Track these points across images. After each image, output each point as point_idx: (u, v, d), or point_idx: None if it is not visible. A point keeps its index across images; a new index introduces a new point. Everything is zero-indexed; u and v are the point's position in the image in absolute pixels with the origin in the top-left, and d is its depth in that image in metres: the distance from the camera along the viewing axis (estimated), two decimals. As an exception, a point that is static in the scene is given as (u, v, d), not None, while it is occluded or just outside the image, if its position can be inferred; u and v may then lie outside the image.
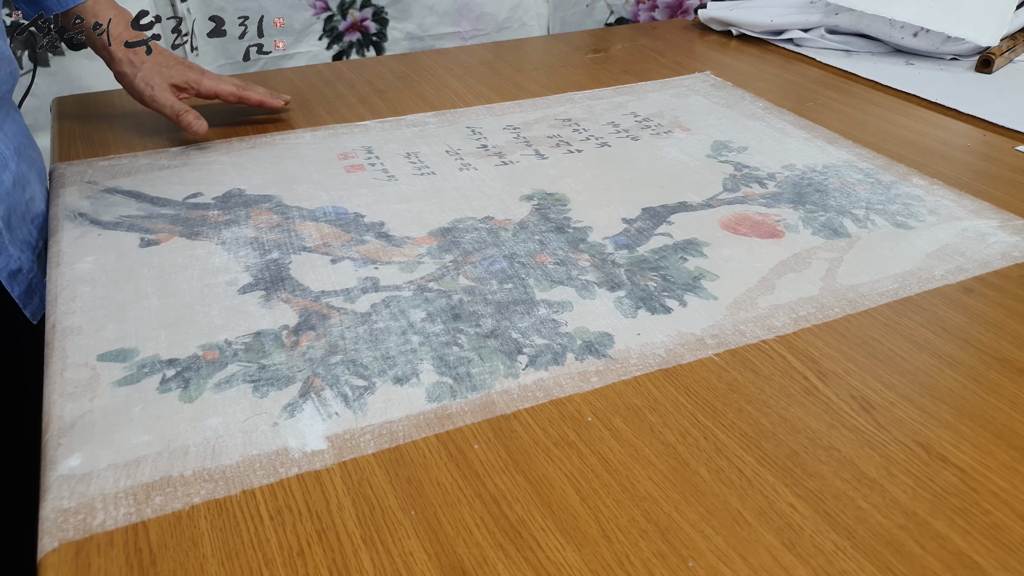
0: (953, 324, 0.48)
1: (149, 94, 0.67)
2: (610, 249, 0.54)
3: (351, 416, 0.40)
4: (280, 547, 0.33)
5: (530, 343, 0.45)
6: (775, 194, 0.62)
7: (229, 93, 0.71)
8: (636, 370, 0.43)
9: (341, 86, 0.85)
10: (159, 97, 0.67)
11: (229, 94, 0.71)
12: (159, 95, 0.67)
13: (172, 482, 0.36)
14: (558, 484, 0.36)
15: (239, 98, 0.72)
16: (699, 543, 0.33)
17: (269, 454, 0.37)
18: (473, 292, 0.49)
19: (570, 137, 0.73)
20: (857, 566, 0.33)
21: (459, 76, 0.88)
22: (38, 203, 0.62)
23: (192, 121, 0.67)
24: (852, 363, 0.44)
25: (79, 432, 0.38)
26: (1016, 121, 0.76)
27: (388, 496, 0.36)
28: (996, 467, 0.38)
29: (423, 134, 0.73)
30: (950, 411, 0.41)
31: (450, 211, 0.59)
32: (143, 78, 0.67)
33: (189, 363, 0.43)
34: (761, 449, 0.38)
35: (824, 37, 0.99)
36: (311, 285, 0.50)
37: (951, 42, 0.93)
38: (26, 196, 0.61)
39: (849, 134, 0.73)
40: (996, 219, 0.59)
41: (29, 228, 0.61)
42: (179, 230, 0.56)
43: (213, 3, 0.93)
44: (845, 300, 0.49)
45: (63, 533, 0.33)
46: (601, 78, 0.88)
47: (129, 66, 0.67)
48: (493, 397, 0.41)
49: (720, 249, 0.55)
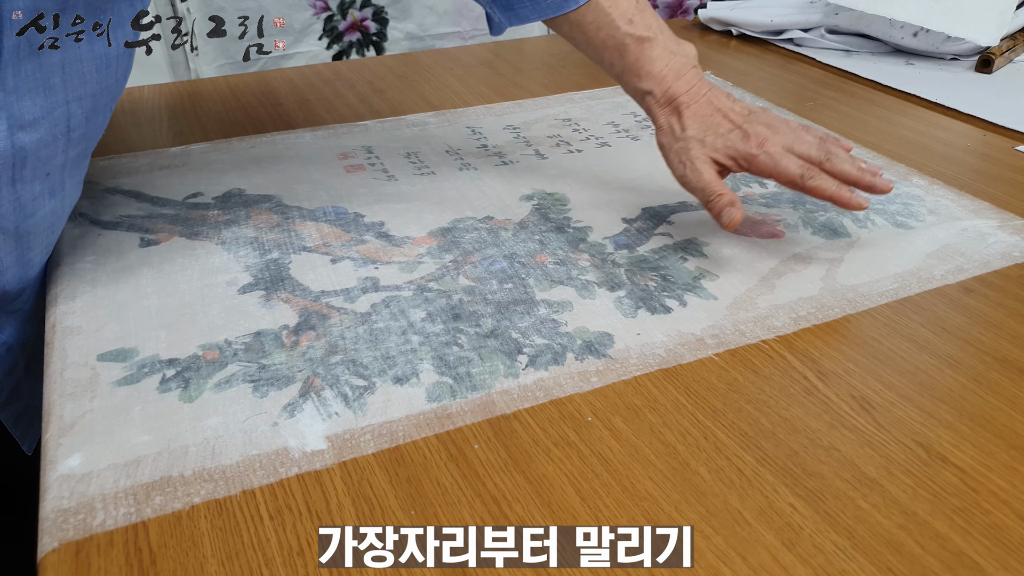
0: (953, 324, 0.48)
1: (681, 172, 0.53)
2: (610, 249, 0.54)
3: (351, 416, 0.40)
4: (280, 547, 0.33)
5: (530, 343, 0.45)
6: (775, 194, 0.62)
7: (789, 182, 0.51)
8: (636, 370, 0.43)
9: (341, 86, 0.85)
10: (690, 177, 0.52)
11: (790, 183, 0.51)
12: (690, 175, 0.52)
13: (172, 482, 0.36)
14: (558, 484, 0.36)
15: (803, 189, 0.51)
16: (699, 543, 0.33)
17: (269, 454, 0.37)
18: (473, 292, 0.49)
19: (570, 137, 0.73)
20: (857, 566, 0.33)
21: (459, 76, 0.88)
22: None
23: (724, 209, 0.50)
24: (852, 363, 0.44)
25: (79, 432, 0.38)
26: (1016, 121, 0.76)
27: (388, 496, 0.36)
28: (996, 467, 0.38)
29: (423, 134, 0.73)
30: (950, 411, 0.41)
31: (450, 211, 0.59)
32: (678, 152, 0.53)
33: (189, 363, 0.43)
34: (761, 449, 0.38)
35: (824, 37, 0.99)
36: (311, 285, 0.50)
37: (951, 42, 0.93)
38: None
39: (849, 134, 0.73)
40: (996, 219, 0.59)
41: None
42: (179, 230, 0.56)
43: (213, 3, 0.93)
44: (845, 300, 0.49)
45: (63, 533, 0.33)
46: (601, 78, 0.88)
47: (669, 136, 0.53)
48: (493, 397, 0.41)
49: (720, 249, 0.55)
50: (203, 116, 0.77)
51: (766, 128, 0.52)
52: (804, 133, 0.53)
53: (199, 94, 0.83)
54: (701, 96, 0.53)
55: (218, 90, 0.84)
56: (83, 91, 0.44)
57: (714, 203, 0.51)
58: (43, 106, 0.42)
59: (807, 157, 0.51)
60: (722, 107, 0.53)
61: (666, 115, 0.53)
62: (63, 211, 0.50)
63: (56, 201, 0.48)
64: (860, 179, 0.51)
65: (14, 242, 0.46)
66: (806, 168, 0.50)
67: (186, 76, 0.96)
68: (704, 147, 0.52)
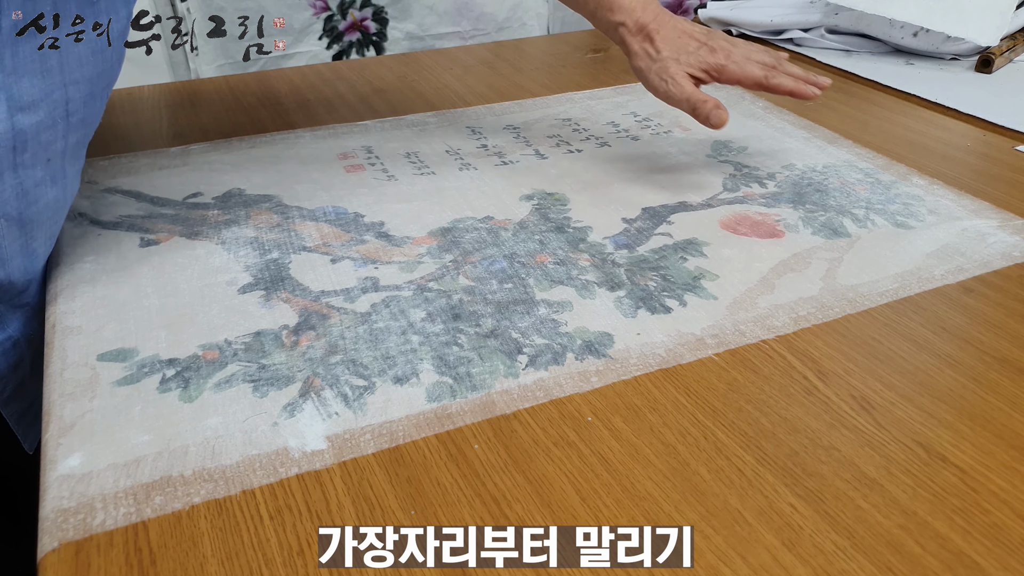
0: (953, 324, 0.48)
1: (664, 88, 0.60)
2: (610, 249, 0.54)
3: (351, 416, 0.40)
4: (280, 547, 0.33)
5: (530, 343, 0.45)
6: (775, 194, 0.62)
7: (755, 83, 0.61)
8: (636, 370, 0.43)
9: (341, 86, 0.85)
10: (673, 91, 0.60)
11: (755, 84, 0.61)
12: (673, 88, 0.60)
13: (172, 482, 0.36)
14: (558, 484, 0.36)
15: (766, 88, 0.61)
16: (699, 543, 0.33)
17: (269, 454, 0.37)
18: (473, 292, 0.49)
19: (570, 137, 0.73)
20: (857, 566, 0.33)
21: (459, 76, 0.88)
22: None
23: (711, 112, 0.58)
24: (852, 363, 0.44)
25: (79, 432, 0.38)
26: (1016, 121, 0.76)
27: (388, 496, 0.36)
28: (996, 467, 0.38)
29: (423, 134, 0.73)
30: (950, 411, 0.41)
31: (450, 211, 0.59)
32: (658, 72, 0.60)
33: (189, 363, 0.43)
34: (761, 449, 0.38)
35: (824, 37, 0.99)
36: (311, 285, 0.50)
37: (951, 42, 0.93)
38: None
39: (849, 134, 0.73)
40: (996, 219, 0.59)
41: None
42: (179, 230, 0.56)
43: (213, 3, 0.93)
44: (845, 300, 0.49)
45: (63, 533, 0.33)
46: (601, 78, 0.88)
47: (645, 59, 0.61)
48: (493, 397, 0.41)
49: (720, 249, 0.55)
50: (203, 116, 0.77)
51: (727, 43, 0.61)
52: (754, 46, 0.63)
53: (199, 94, 0.83)
54: (667, 22, 0.61)
55: (218, 90, 0.84)
56: (80, 74, 0.45)
57: (700, 109, 0.58)
58: (41, 88, 0.43)
59: (764, 63, 0.61)
60: (686, 30, 0.61)
61: (639, 42, 0.60)
62: (64, 201, 0.50)
63: (58, 190, 0.48)
64: (806, 77, 0.62)
65: (18, 230, 0.47)
66: (767, 70, 0.60)
67: (186, 76, 0.96)
68: (680, 64, 0.60)
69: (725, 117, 0.58)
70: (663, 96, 0.60)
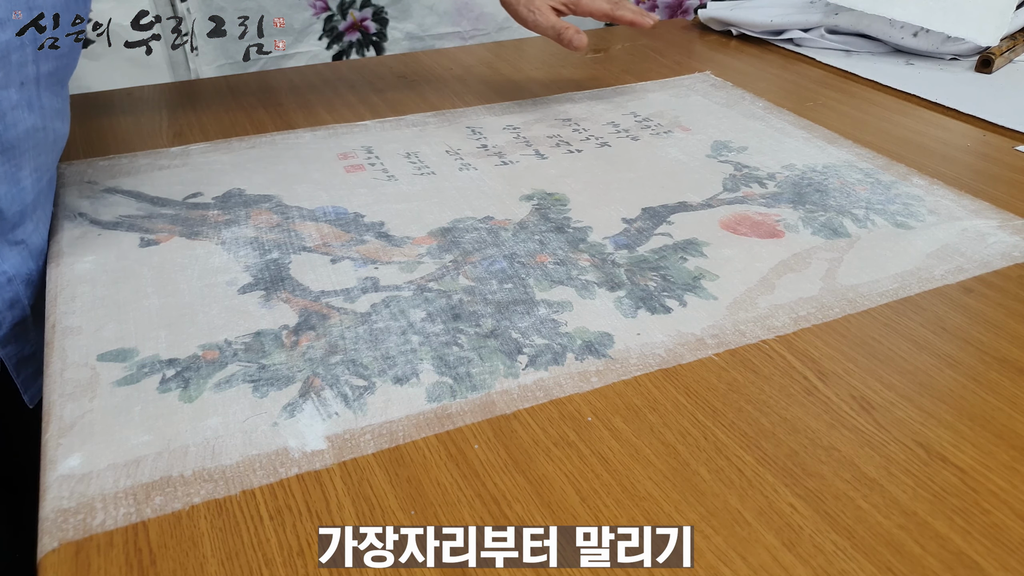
0: (953, 324, 0.48)
1: (532, 19, 0.72)
2: (610, 249, 0.54)
3: (351, 416, 0.40)
4: (280, 547, 0.33)
5: (530, 343, 0.45)
6: (775, 194, 0.62)
7: (602, 13, 0.75)
8: (636, 370, 0.43)
9: (341, 86, 0.85)
10: (540, 20, 0.72)
11: (602, 14, 0.75)
12: (540, 18, 0.72)
13: (172, 482, 0.36)
14: (558, 484, 0.36)
15: (611, 18, 0.76)
16: (699, 543, 0.33)
17: (269, 454, 0.37)
18: (473, 292, 0.49)
19: (570, 137, 0.73)
20: (857, 566, 0.33)
21: (459, 76, 0.88)
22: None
23: (573, 36, 0.71)
24: (852, 363, 0.44)
25: (79, 432, 0.38)
26: (1016, 121, 0.76)
27: (388, 496, 0.36)
28: (996, 467, 0.38)
29: (423, 134, 0.73)
30: (950, 411, 0.41)
31: (450, 211, 0.59)
32: (526, 4, 0.72)
33: (189, 363, 0.43)
34: (761, 449, 0.38)
35: (824, 37, 0.99)
36: (311, 285, 0.50)
37: (951, 42, 0.93)
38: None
39: (849, 134, 0.73)
40: (996, 219, 0.59)
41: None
42: (179, 230, 0.56)
43: (213, 3, 0.93)
44: (845, 300, 0.49)
45: (63, 533, 0.33)
46: (601, 78, 0.88)
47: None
48: (493, 397, 0.41)
49: (720, 249, 0.55)
50: (203, 116, 0.77)
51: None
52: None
53: (199, 94, 0.83)
54: None
55: (218, 90, 0.84)
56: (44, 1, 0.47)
57: (564, 34, 0.71)
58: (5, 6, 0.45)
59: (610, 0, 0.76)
60: None
61: None
62: (44, 133, 0.52)
63: (36, 118, 0.50)
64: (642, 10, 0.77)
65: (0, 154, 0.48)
66: (612, 4, 0.75)
67: (186, 76, 0.96)
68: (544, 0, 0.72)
69: (585, 40, 0.71)
70: (531, 25, 0.72)
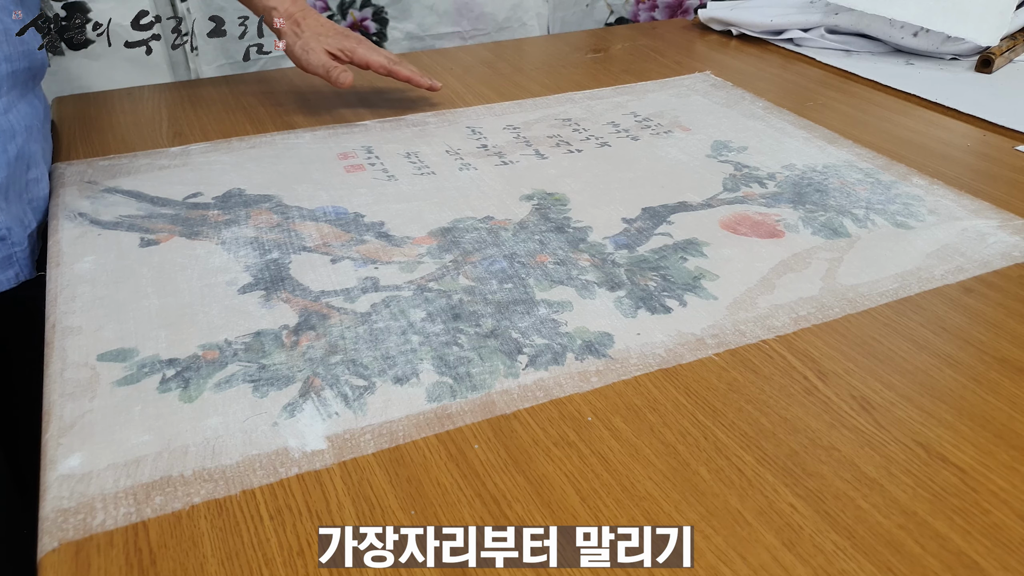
0: (953, 324, 0.48)
1: (305, 58, 0.73)
2: (610, 249, 0.54)
3: (351, 416, 0.40)
4: (280, 547, 0.33)
5: (530, 343, 0.45)
6: (775, 194, 0.62)
7: (380, 66, 0.75)
8: (636, 370, 0.43)
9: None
10: (312, 60, 0.73)
11: (380, 66, 0.75)
12: (312, 58, 0.73)
13: (172, 482, 0.36)
14: (558, 484, 0.36)
15: (388, 71, 0.75)
16: (699, 543, 0.33)
17: (269, 454, 0.37)
18: (473, 292, 0.49)
19: (570, 137, 0.73)
20: (857, 566, 0.33)
21: (459, 76, 0.88)
22: (41, 187, 0.61)
23: (339, 75, 0.72)
24: (852, 363, 0.44)
25: (79, 432, 0.38)
26: (1016, 121, 0.76)
27: (388, 496, 0.36)
28: (996, 467, 0.38)
29: (423, 134, 0.73)
30: (950, 411, 0.41)
31: (450, 211, 0.59)
32: (302, 46, 0.73)
33: (189, 363, 0.43)
34: (761, 449, 0.38)
35: (824, 37, 0.99)
36: (311, 285, 0.50)
37: (951, 42, 0.93)
38: (28, 175, 0.60)
39: (849, 134, 0.73)
40: (996, 219, 0.59)
41: (24, 208, 0.59)
42: (179, 230, 0.56)
43: (213, 3, 0.93)
44: (845, 300, 0.49)
45: (63, 533, 0.33)
46: (601, 78, 0.88)
47: (292, 37, 0.73)
48: (493, 397, 0.41)
49: (720, 249, 0.55)
50: (203, 116, 0.77)
51: (358, 38, 0.76)
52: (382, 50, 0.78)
53: (199, 94, 0.83)
54: (311, 14, 0.75)
55: (218, 90, 0.84)
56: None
57: (332, 72, 0.73)
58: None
59: (388, 57, 0.77)
60: (326, 23, 0.76)
61: (288, 26, 0.73)
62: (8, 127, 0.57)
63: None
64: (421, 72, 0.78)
65: None
66: (390, 60, 0.76)
67: (186, 76, 0.95)
68: (320, 42, 0.73)
69: (351, 78, 0.73)
70: (304, 65, 0.73)
